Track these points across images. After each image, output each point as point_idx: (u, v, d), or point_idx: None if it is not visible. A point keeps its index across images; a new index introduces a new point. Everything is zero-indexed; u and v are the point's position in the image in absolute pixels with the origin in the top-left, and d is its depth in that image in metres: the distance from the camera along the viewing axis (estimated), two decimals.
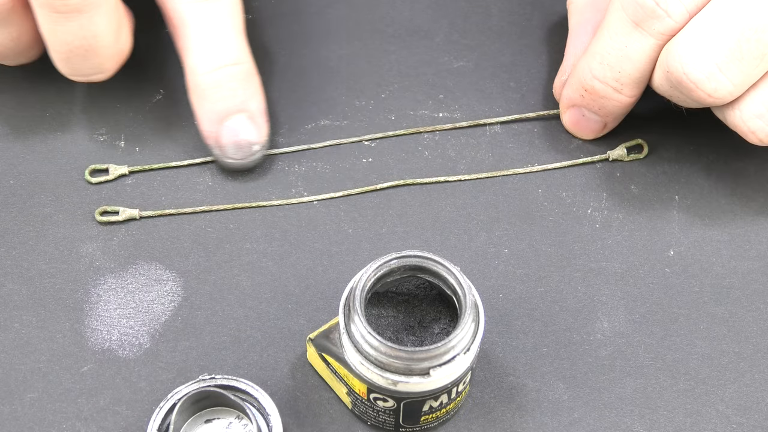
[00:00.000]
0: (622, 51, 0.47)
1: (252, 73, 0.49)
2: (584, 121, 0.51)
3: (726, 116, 0.47)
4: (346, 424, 0.45)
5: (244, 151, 0.49)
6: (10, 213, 0.49)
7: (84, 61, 0.47)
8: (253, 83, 0.49)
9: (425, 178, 0.51)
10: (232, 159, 0.49)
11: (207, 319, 0.47)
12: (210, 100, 0.48)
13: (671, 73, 0.45)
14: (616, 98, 0.49)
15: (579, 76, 0.49)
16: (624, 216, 0.50)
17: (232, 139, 0.49)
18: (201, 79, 0.48)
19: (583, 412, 0.45)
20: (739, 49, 0.44)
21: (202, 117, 0.49)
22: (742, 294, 0.48)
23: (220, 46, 0.48)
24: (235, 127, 0.49)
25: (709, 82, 0.44)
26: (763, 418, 0.45)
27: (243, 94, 0.49)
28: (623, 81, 0.48)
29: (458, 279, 0.40)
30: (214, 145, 0.49)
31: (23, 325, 0.47)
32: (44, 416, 0.44)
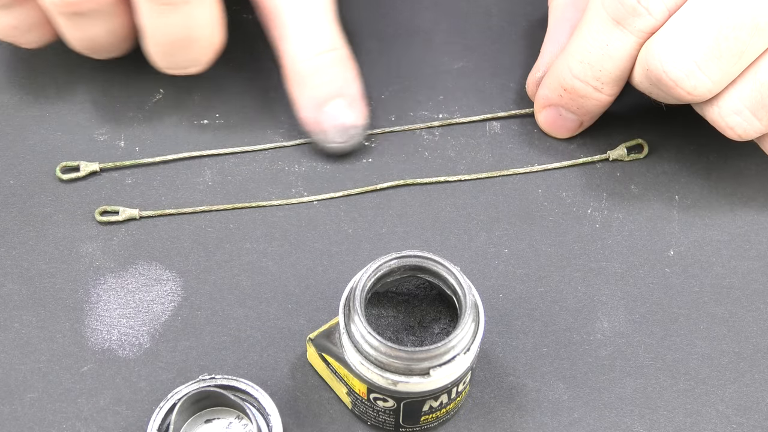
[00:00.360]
0: (602, 49, 0.47)
1: (348, 58, 0.50)
2: (561, 120, 0.51)
3: (705, 112, 0.47)
4: (346, 424, 0.45)
5: (347, 134, 0.50)
6: (10, 213, 0.49)
7: (184, 53, 0.48)
8: (349, 68, 0.50)
9: (425, 178, 0.51)
10: (335, 143, 0.50)
11: (207, 319, 0.47)
12: (310, 86, 0.49)
13: (651, 71, 0.45)
14: (596, 97, 0.49)
15: (558, 76, 0.49)
16: (624, 216, 0.50)
17: (334, 124, 0.49)
18: (301, 66, 0.49)
19: (583, 412, 0.45)
20: (718, 47, 0.44)
21: (302, 103, 0.50)
22: (742, 294, 0.48)
23: (317, 32, 0.49)
24: (336, 112, 0.49)
25: (688, 80, 0.44)
26: (763, 418, 0.45)
27: (341, 79, 0.49)
28: (604, 80, 0.48)
29: (458, 279, 0.40)
30: (316, 131, 0.50)
31: (23, 325, 0.47)
32: (44, 416, 0.44)
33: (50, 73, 0.54)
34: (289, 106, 0.53)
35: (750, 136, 0.47)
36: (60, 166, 0.50)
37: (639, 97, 0.50)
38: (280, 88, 0.53)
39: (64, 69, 0.54)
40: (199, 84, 0.53)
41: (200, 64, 0.49)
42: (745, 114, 0.46)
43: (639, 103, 0.53)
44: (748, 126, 0.46)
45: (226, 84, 0.53)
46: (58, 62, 0.54)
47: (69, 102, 0.53)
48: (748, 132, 0.46)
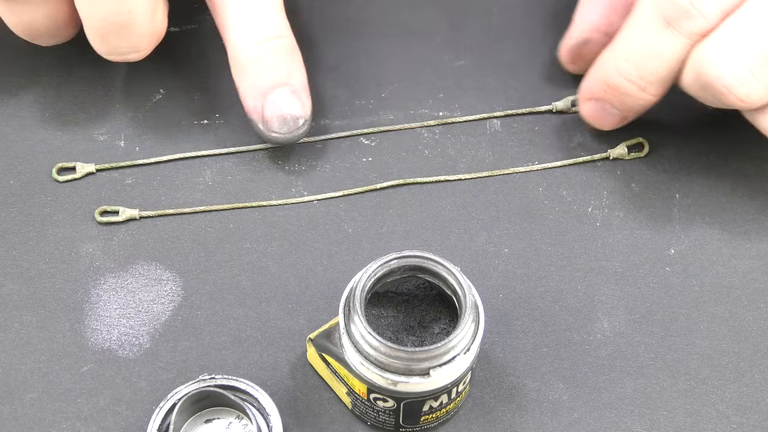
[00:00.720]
0: (650, 49, 0.46)
1: (294, 48, 0.49)
2: (604, 113, 0.50)
3: (756, 120, 0.46)
4: (346, 424, 0.45)
5: (290, 125, 0.49)
6: (10, 213, 0.49)
7: (120, 38, 0.47)
8: (295, 57, 0.49)
9: (425, 177, 0.51)
10: (276, 133, 0.49)
11: (207, 319, 0.47)
12: (253, 74, 0.48)
13: (702, 75, 0.45)
14: (640, 96, 0.48)
15: (603, 71, 0.49)
16: (624, 214, 0.50)
17: (276, 114, 0.48)
18: (243, 54, 0.48)
19: (583, 412, 0.45)
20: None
21: (245, 92, 0.49)
22: (742, 293, 0.48)
23: (261, 20, 0.48)
24: (279, 101, 0.48)
25: (741, 87, 0.44)
26: (763, 418, 0.45)
27: (285, 68, 0.49)
28: (649, 79, 0.47)
29: (458, 279, 0.40)
30: (258, 120, 0.49)
31: (23, 325, 0.47)
32: (44, 416, 0.45)
33: (50, 73, 0.54)
34: None
35: None
36: (56, 168, 0.50)
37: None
38: None
39: (64, 69, 0.54)
40: (199, 84, 0.53)
41: (140, 50, 0.48)
42: None
43: None
44: None
45: (226, 84, 0.53)
46: (57, 62, 0.54)
47: (69, 102, 0.53)
48: None
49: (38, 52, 0.54)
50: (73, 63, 0.54)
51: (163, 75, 0.54)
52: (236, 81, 0.49)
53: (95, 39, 0.48)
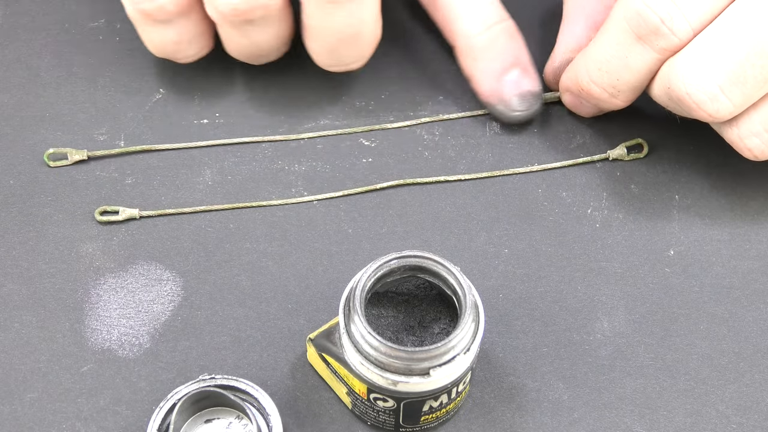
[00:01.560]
0: (622, 60, 0.47)
1: (516, 29, 0.51)
2: (581, 106, 0.52)
3: (723, 132, 0.47)
4: (346, 424, 0.45)
5: (528, 101, 0.51)
6: (10, 213, 0.49)
7: (349, 49, 0.49)
8: (518, 37, 0.51)
9: (425, 177, 0.51)
10: (517, 111, 0.51)
11: (207, 319, 0.47)
12: (486, 58, 0.50)
13: (673, 90, 0.45)
14: (611, 102, 0.49)
15: (576, 75, 0.50)
16: (624, 216, 0.50)
17: (515, 92, 0.50)
18: (475, 41, 0.50)
19: (583, 412, 0.45)
20: (743, 73, 0.44)
21: (481, 77, 0.51)
22: (742, 294, 0.48)
23: (485, 7, 0.51)
24: (514, 81, 0.50)
25: (711, 103, 0.44)
26: (763, 419, 0.45)
27: (513, 49, 0.51)
28: (620, 88, 0.48)
29: (458, 279, 0.40)
30: (498, 102, 0.51)
31: (23, 325, 0.47)
32: (44, 416, 0.44)
33: (50, 73, 0.54)
34: (290, 105, 0.53)
35: (767, 157, 0.47)
36: (47, 154, 0.50)
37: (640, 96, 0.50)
38: (280, 88, 0.53)
39: (64, 69, 0.54)
40: (199, 84, 0.53)
41: (362, 59, 0.50)
42: (764, 136, 0.46)
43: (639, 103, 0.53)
44: (765, 147, 0.46)
45: (226, 83, 0.53)
46: (57, 63, 0.54)
47: (69, 102, 0.53)
48: (765, 153, 0.46)
49: (38, 53, 0.54)
50: (73, 63, 0.54)
51: (163, 75, 0.54)
52: (469, 68, 0.51)
53: (323, 52, 0.49)
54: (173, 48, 0.50)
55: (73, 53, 0.54)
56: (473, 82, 0.51)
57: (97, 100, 0.53)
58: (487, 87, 0.51)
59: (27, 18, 0.55)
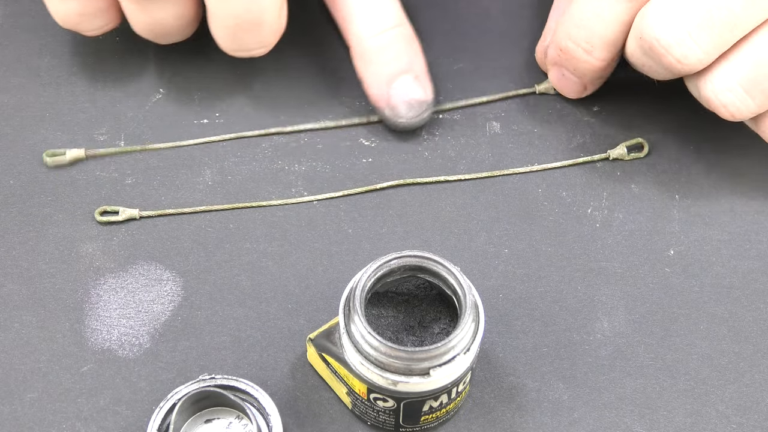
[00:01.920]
0: (595, 12, 0.48)
1: (412, 35, 0.51)
2: (564, 80, 0.52)
3: (699, 89, 0.47)
4: (346, 424, 0.45)
5: (416, 110, 0.50)
6: (10, 213, 0.49)
7: (249, 35, 0.48)
8: (414, 44, 0.51)
9: (425, 177, 0.51)
10: (404, 118, 0.50)
11: (207, 319, 0.47)
12: (378, 63, 0.50)
13: (643, 39, 0.46)
14: (587, 60, 0.49)
15: (557, 36, 0.50)
16: (624, 215, 0.50)
17: (402, 99, 0.50)
18: (368, 44, 0.50)
19: (583, 412, 0.45)
20: (711, 17, 0.44)
21: (370, 80, 0.50)
22: (742, 294, 0.48)
23: (381, 11, 0.50)
24: (404, 88, 0.50)
25: (679, 47, 0.45)
26: (763, 419, 0.45)
27: (407, 55, 0.50)
28: (594, 42, 0.48)
29: (458, 279, 0.40)
30: (385, 107, 0.50)
31: (23, 325, 0.47)
32: (44, 416, 0.44)
33: (50, 73, 0.54)
34: (290, 105, 0.53)
35: (743, 116, 0.47)
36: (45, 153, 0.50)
37: (639, 96, 0.50)
38: (279, 89, 0.53)
39: (64, 69, 0.54)
40: (199, 83, 0.53)
41: (265, 45, 0.50)
42: (737, 91, 0.46)
43: (639, 103, 0.53)
44: (741, 104, 0.46)
45: (226, 83, 0.53)
46: (57, 63, 0.54)
47: (69, 102, 0.53)
48: (741, 111, 0.46)
49: (38, 53, 0.54)
50: (73, 63, 0.54)
51: (163, 75, 0.54)
52: (361, 71, 0.51)
53: (225, 37, 0.49)
54: (77, 20, 0.50)
55: (73, 53, 0.54)
56: (364, 84, 0.51)
57: (97, 100, 0.53)
58: (376, 91, 0.50)
59: (27, 18, 0.55)
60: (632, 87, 0.53)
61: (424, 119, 0.51)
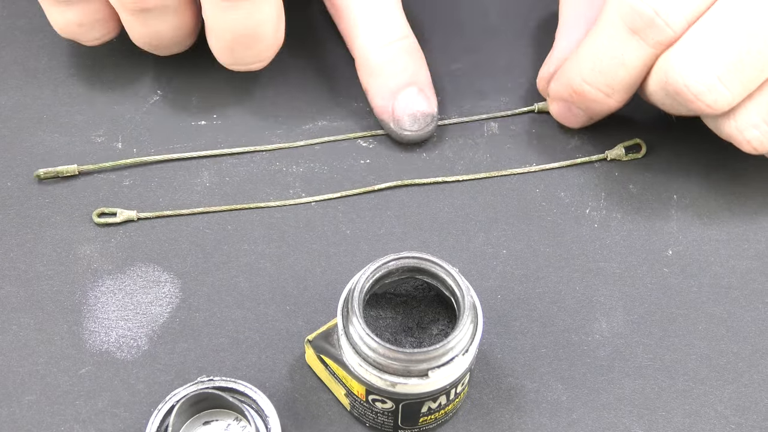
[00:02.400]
0: (616, 58, 0.47)
1: (417, 47, 0.51)
2: (570, 114, 0.51)
3: (720, 126, 0.47)
4: (345, 426, 0.45)
5: (420, 122, 0.50)
6: (8, 215, 0.49)
7: (247, 49, 0.49)
8: (419, 56, 0.51)
9: (423, 178, 0.51)
10: (408, 131, 0.50)
11: (205, 321, 0.47)
12: (382, 75, 0.50)
13: (670, 84, 0.45)
14: (606, 102, 0.49)
15: (569, 77, 0.49)
16: (622, 216, 0.50)
17: (407, 112, 0.50)
18: (372, 56, 0.50)
19: (581, 413, 0.45)
20: (741, 61, 0.43)
21: (375, 92, 0.50)
22: (740, 294, 0.48)
23: (387, 23, 0.50)
24: (408, 100, 0.50)
25: (710, 93, 0.44)
26: (761, 419, 0.45)
27: (412, 68, 0.50)
28: (615, 87, 0.48)
29: (456, 280, 0.40)
30: (390, 119, 0.50)
31: (21, 328, 0.46)
32: (42, 419, 0.44)
33: (47, 74, 0.54)
34: (288, 106, 0.53)
35: (766, 150, 0.47)
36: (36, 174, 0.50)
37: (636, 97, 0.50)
38: (278, 89, 0.53)
39: (62, 71, 0.54)
40: (196, 85, 0.53)
41: (263, 60, 0.50)
42: (762, 128, 0.46)
43: (637, 103, 0.53)
44: (765, 139, 0.46)
45: (223, 85, 0.53)
46: (55, 64, 0.54)
47: (66, 104, 0.53)
48: (765, 145, 0.46)
49: (36, 54, 0.54)
50: (71, 65, 0.54)
51: (161, 76, 0.54)
52: (365, 83, 0.51)
53: (222, 51, 0.49)
54: (77, 30, 0.50)
55: (71, 55, 0.54)
56: (368, 96, 0.51)
57: (95, 101, 0.53)
58: (380, 103, 0.50)
59: (24, 19, 0.55)
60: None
61: (429, 132, 0.51)
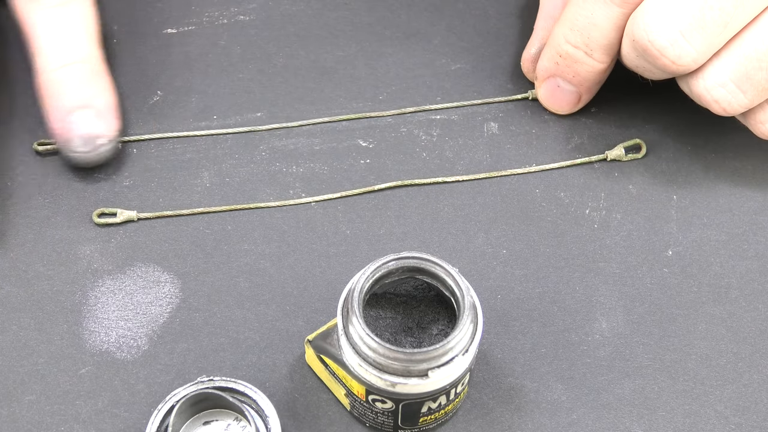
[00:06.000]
0: (588, 18, 0.48)
1: (99, 72, 0.51)
2: (559, 92, 0.52)
3: (690, 87, 0.47)
4: (345, 426, 0.45)
5: (90, 144, 0.49)
6: (8, 215, 0.49)
7: None
8: (100, 81, 0.50)
9: (423, 178, 0.51)
10: (76, 153, 0.49)
11: (205, 321, 0.47)
12: (57, 96, 0.50)
13: (636, 41, 0.46)
14: (588, 62, 0.50)
15: (553, 43, 0.50)
16: (622, 216, 0.50)
17: (77, 133, 0.49)
18: (48, 77, 0.50)
19: (581, 413, 0.45)
20: (703, 17, 0.44)
21: (50, 113, 0.50)
22: (740, 294, 0.48)
23: (67, 45, 0.50)
24: (81, 121, 0.49)
25: (672, 48, 0.45)
26: (761, 419, 0.45)
27: (89, 91, 0.50)
28: (592, 46, 0.49)
29: (456, 280, 0.40)
30: (61, 140, 0.50)
31: (21, 327, 0.46)
32: (42, 418, 0.44)
33: None
34: (287, 107, 0.53)
35: (735, 111, 0.47)
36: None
37: (636, 96, 0.50)
38: (278, 90, 0.53)
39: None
40: (196, 86, 0.53)
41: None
42: (729, 87, 0.46)
43: (636, 103, 0.53)
44: (732, 99, 0.47)
45: (223, 85, 0.53)
46: None
47: None
48: (733, 106, 0.47)
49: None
50: None
51: (161, 77, 0.54)
52: (43, 103, 0.50)
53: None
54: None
55: None
56: (45, 116, 0.50)
57: None
58: (54, 123, 0.50)
59: None
60: (629, 88, 0.53)
61: (101, 155, 0.50)
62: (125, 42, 0.54)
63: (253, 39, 0.55)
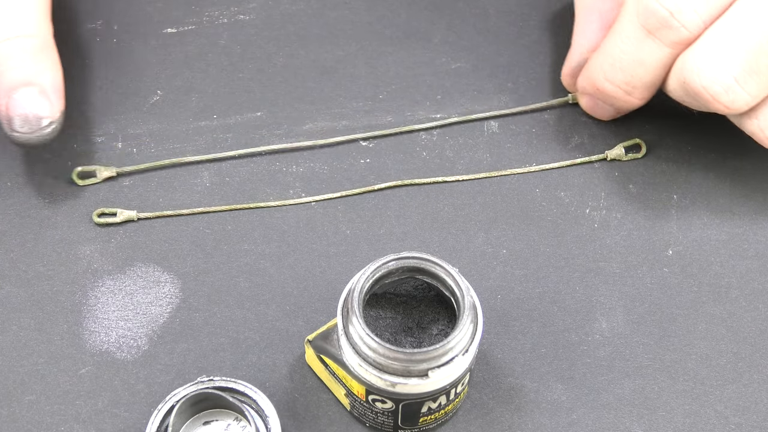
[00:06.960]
0: (635, 57, 0.47)
1: (47, 47, 0.48)
2: (598, 108, 0.52)
3: (743, 124, 0.47)
4: (345, 426, 0.45)
5: (32, 125, 0.47)
6: (8, 215, 0.49)
7: None
8: (47, 57, 0.48)
9: (423, 178, 0.51)
10: (18, 133, 0.47)
11: (205, 321, 0.47)
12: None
13: (688, 84, 0.45)
14: (626, 100, 0.49)
15: (591, 75, 0.50)
16: (622, 216, 0.50)
17: (18, 112, 0.46)
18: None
19: (581, 413, 0.45)
20: (757, 62, 0.44)
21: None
22: (740, 294, 0.48)
23: (12, 18, 0.47)
24: (23, 100, 0.46)
25: (726, 94, 0.45)
26: (761, 419, 0.45)
27: (34, 67, 0.47)
28: (635, 84, 0.48)
29: (456, 280, 0.40)
30: (2, 119, 0.47)
31: (21, 328, 0.46)
32: (42, 418, 0.44)
33: None
34: (287, 106, 0.53)
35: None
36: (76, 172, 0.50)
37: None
38: (277, 90, 0.53)
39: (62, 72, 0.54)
40: (196, 85, 0.53)
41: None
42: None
43: None
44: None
45: (223, 85, 0.53)
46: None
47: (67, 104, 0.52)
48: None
49: None
50: (71, 65, 0.54)
51: (161, 76, 0.54)
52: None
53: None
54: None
55: (71, 55, 0.54)
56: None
57: (95, 101, 0.53)
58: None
59: None
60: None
61: (45, 135, 0.47)
62: (125, 42, 0.54)
63: (253, 38, 0.55)
